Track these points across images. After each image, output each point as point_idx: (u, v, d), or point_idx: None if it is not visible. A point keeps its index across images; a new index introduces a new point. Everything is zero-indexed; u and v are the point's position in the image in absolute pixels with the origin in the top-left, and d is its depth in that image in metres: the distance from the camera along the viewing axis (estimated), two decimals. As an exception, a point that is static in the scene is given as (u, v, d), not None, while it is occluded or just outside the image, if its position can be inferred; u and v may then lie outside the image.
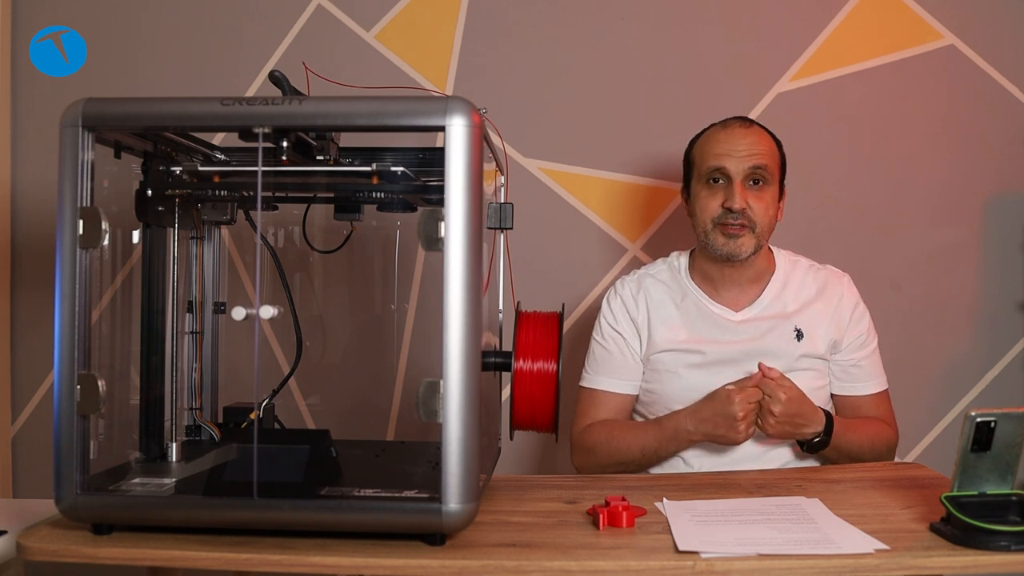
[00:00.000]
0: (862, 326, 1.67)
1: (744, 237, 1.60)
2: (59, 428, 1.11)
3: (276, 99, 1.10)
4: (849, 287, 1.69)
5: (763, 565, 1.01)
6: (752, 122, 1.67)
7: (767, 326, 1.63)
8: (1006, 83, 2.14)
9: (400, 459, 1.38)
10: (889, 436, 1.65)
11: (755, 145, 1.60)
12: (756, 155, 1.59)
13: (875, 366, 1.69)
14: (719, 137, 1.63)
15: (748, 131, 1.63)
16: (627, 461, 1.59)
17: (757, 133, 1.64)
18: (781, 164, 1.67)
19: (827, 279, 1.68)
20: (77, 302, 1.10)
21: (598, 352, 1.71)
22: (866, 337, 1.67)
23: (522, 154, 2.17)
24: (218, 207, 1.45)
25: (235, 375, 1.51)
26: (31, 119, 2.23)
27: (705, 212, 1.62)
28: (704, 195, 1.63)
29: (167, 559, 1.07)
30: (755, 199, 1.60)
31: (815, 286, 1.68)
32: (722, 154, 1.60)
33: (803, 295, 1.67)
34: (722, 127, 1.65)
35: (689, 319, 1.66)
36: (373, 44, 2.20)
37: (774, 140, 1.67)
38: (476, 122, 1.07)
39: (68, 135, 1.10)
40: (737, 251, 1.60)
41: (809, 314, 1.64)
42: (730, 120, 1.67)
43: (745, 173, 1.59)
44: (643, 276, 1.74)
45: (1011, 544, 1.02)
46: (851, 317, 1.66)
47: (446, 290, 1.06)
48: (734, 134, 1.62)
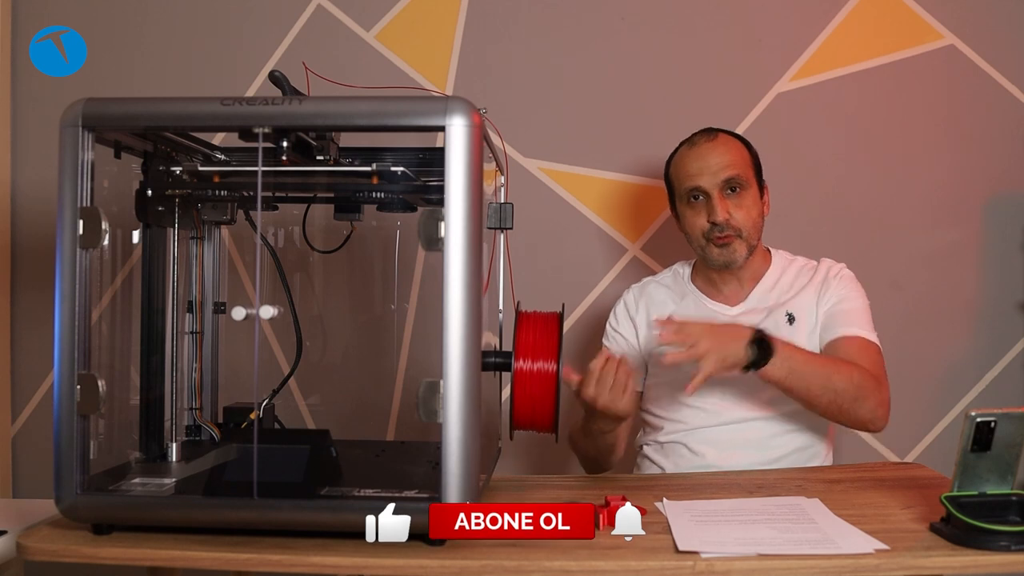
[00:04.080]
0: (843, 282, 1.67)
1: (735, 244, 1.65)
2: (59, 428, 1.11)
3: (276, 99, 1.11)
4: (833, 265, 1.71)
5: (763, 565, 1.02)
6: (716, 132, 1.70)
7: (761, 316, 1.67)
8: (1006, 83, 2.14)
9: (400, 459, 1.38)
10: (861, 372, 1.52)
11: (723, 156, 1.65)
12: (726, 167, 1.64)
13: (854, 314, 1.63)
14: (689, 157, 1.69)
15: (714, 144, 1.67)
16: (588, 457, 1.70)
17: (724, 143, 1.68)
18: (754, 163, 1.71)
19: (817, 268, 1.72)
20: (77, 302, 1.10)
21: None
22: (845, 292, 1.66)
23: (522, 154, 2.17)
24: (218, 207, 1.45)
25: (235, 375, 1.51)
26: (31, 119, 2.23)
27: (695, 229, 1.68)
28: (689, 214, 1.69)
29: (167, 559, 1.07)
30: (735, 207, 1.65)
31: (807, 277, 1.71)
32: (695, 173, 1.66)
33: (796, 286, 1.70)
34: (689, 146, 1.70)
35: (688, 317, 1.69)
36: (373, 44, 2.20)
37: (742, 142, 1.71)
38: (476, 122, 1.07)
39: (68, 135, 1.10)
40: (732, 258, 1.66)
41: (801, 298, 1.68)
42: (695, 136, 1.71)
43: (720, 187, 1.64)
44: (648, 282, 1.83)
45: (1011, 544, 1.02)
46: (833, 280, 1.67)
47: (446, 290, 1.06)
48: (701, 151, 1.67)
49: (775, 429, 1.62)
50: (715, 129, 1.72)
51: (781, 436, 1.62)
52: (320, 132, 1.22)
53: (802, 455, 1.63)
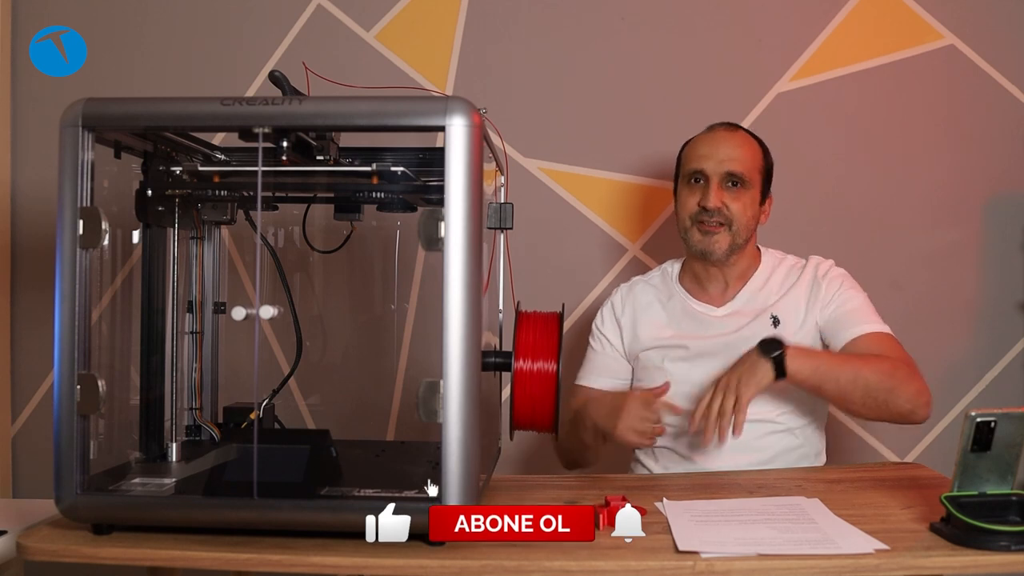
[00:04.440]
0: (835, 282, 1.65)
1: (720, 235, 1.64)
2: (59, 428, 1.11)
3: (276, 99, 1.11)
4: (822, 262, 1.69)
5: (763, 565, 1.02)
6: (738, 128, 1.71)
7: (746, 320, 1.66)
8: (1006, 83, 2.14)
9: (400, 459, 1.38)
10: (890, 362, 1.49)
11: (734, 149, 1.65)
12: (733, 160, 1.64)
13: (861, 312, 1.62)
14: (703, 140, 1.69)
15: (731, 136, 1.68)
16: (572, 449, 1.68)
17: (740, 138, 1.68)
18: (764, 170, 1.70)
19: (805, 267, 1.70)
20: (77, 302, 1.10)
21: (588, 354, 1.81)
22: (840, 288, 1.64)
23: (522, 154, 2.17)
24: (218, 207, 1.45)
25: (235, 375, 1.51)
26: (31, 119, 2.23)
27: (684, 209, 1.68)
28: (685, 194, 1.69)
29: (167, 559, 1.07)
30: (731, 199, 1.64)
31: (795, 276, 1.69)
32: (703, 156, 1.66)
33: (784, 287, 1.68)
34: (708, 131, 1.72)
35: (675, 318, 1.71)
36: (373, 44, 2.20)
37: (760, 146, 1.70)
38: (476, 122, 1.07)
39: (68, 135, 1.10)
40: (711, 248, 1.65)
41: (787, 301, 1.66)
42: (717, 125, 1.72)
43: (721, 176, 1.64)
44: (636, 282, 1.82)
45: (1011, 544, 1.02)
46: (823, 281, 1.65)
47: (446, 290, 1.06)
48: (716, 138, 1.68)
49: (764, 430, 1.61)
50: (738, 126, 1.72)
51: (770, 436, 1.61)
52: (320, 132, 1.22)
53: (791, 456, 1.62)
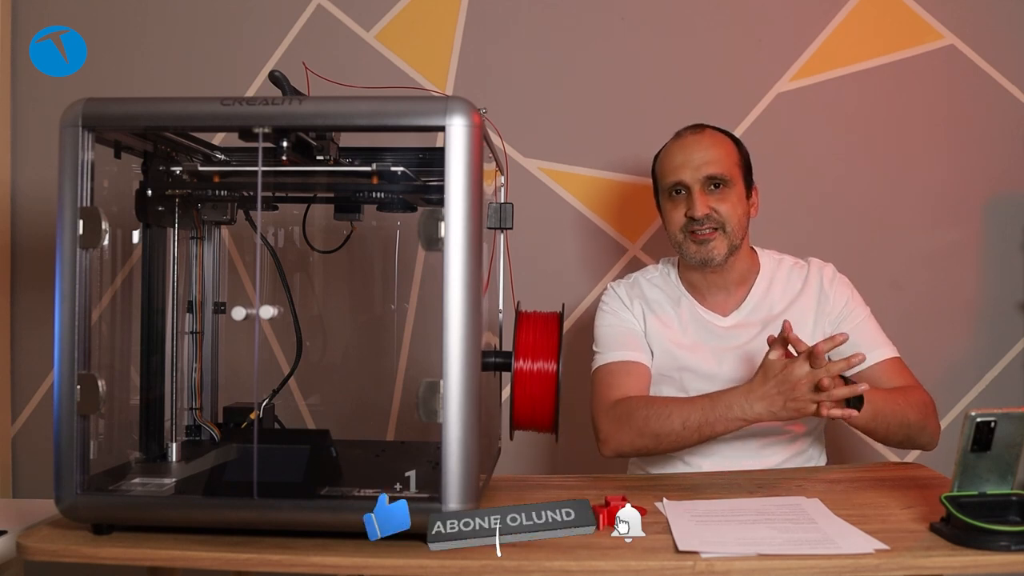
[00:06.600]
0: (841, 295, 1.63)
1: (715, 240, 1.60)
2: (59, 428, 1.11)
3: (276, 99, 1.11)
4: (824, 268, 1.67)
5: (763, 565, 1.02)
6: (704, 127, 1.67)
7: (755, 331, 1.63)
8: (1006, 83, 2.14)
9: (400, 459, 1.38)
10: (920, 395, 1.53)
11: (707, 151, 1.61)
12: (710, 163, 1.60)
13: (873, 333, 1.62)
14: (674, 150, 1.65)
15: (699, 138, 1.63)
16: (662, 433, 1.47)
17: (710, 139, 1.63)
18: (743, 163, 1.66)
19: (808, 272, 1.68)
20: (77, 302, 1.10)
21: (607, 333, 1.67)
22: (847, 303, 1.63)
23: (522, 154, 2.17)
24: (218, 207, 1.45)
25: (235, 375, 1.51)
26: (31, 119, 2.23)
27: (672, 224, 1.64)
28: (669, 208, 1.65)
29: (167, 559, 1.07)
30: (718, 201, 1.60)
31: (799, 282, 1.67)
32: (679, 166, 1.62)
33: (788, 293, 1.66)
34: (676, 140, 1.67)
35: (684, 322, 1.67)
36: (373, 44, 2.20)
37: (731, 140, 1.67)
38: (476, 122, 1.07)
39: (68, 135, 1.10)
40: (709, 255, 1.60)
41: (794, 310, 1.63)
42: (682, 131, 1.68)
43: (702, 182, 1.60)
44: (637, 279, 1.74)
45: (1011, 544, 1.02)
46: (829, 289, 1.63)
47: (446, 290, 1.06)
48: (686, 145, 1.63)
49: (769, 440, 1.60)
50: (703, 125, 1.68)
51: (773, 446, 1.61)
52: (320, 132, 1.22)
53: (795, 462, 1.62)
